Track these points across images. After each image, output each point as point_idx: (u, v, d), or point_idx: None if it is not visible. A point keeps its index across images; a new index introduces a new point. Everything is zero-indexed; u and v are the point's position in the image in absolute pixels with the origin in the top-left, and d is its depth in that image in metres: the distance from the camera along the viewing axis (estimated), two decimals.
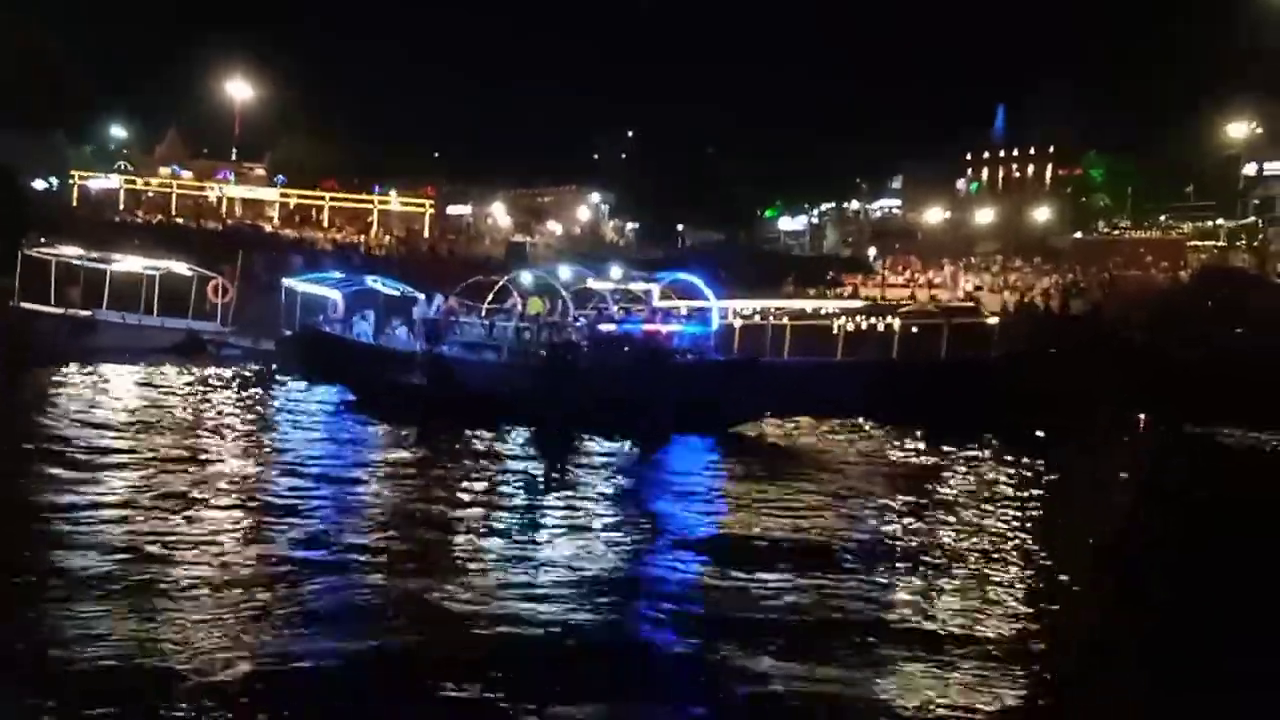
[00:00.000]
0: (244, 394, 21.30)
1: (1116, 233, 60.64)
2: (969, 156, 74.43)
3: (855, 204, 76.52)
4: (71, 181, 60.18)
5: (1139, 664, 8.23)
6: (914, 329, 23.38)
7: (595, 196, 75.81)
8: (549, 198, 76.04)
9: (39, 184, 60.47)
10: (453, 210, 69.72)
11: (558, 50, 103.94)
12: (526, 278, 24.97)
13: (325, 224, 62.51)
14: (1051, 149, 69.55)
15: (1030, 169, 71.06)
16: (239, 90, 66.35)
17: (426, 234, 63.33)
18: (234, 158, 66.00)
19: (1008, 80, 72.84)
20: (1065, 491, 15.29)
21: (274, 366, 23.01)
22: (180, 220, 56.04)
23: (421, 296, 26.51)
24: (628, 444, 17.13)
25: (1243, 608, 9.34)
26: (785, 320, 24.29)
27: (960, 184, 75.14)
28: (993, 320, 22.70)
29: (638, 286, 26.12)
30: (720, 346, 22.19)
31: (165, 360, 23.67)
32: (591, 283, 25.58)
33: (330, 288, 25.86)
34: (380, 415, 18.40)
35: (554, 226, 72.15)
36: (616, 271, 25.55)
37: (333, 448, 15.67)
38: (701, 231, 75.61)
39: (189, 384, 21.56)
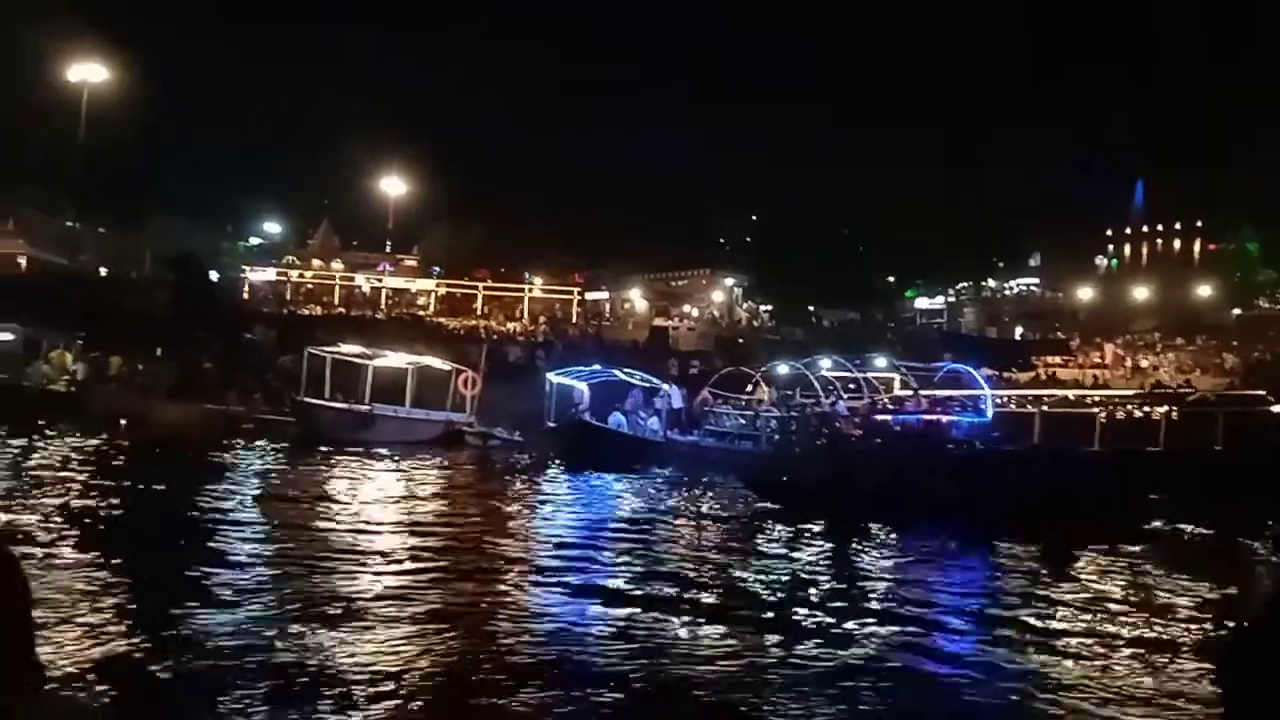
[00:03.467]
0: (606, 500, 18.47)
1: None
2: (1109, 233, 73.52)
3: (992, 282, 75.99)
4: (242, 274, 63.25)
5: None
6: (1174, 416, 22.96)
7: (729, 280, 76.73)
8: (683, 282, 77.22)
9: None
10: (591, 296, 71.30)
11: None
12: (782, 368, 25.39)
13: (479, 312, 64.45)
14: (1199, 223, 68.37)
15: (1177, 244, 69.83)
16: (392, 187, 69.79)
17: (574, 320, 64.82)
18: (388, 249, 68.75)
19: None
20: None
21: (551, 457, 23.55)
22: (345, 311, 58.42)
23: (665, 387, 27.15)
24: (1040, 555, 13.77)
25: None
26: (1043, 408, 24.06)
27: (1099, 260, 74.14)
28: (1278, 409, 22.16)
29: (881, 375, 26.32)
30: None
31: (453, 453, 24.39)
32: (827, 371, 25.86)
33: (578, 379, 26.62)
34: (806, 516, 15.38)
35: (689, 309, 73.05)
36: (881, 361, 25.79)
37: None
38: (836, 310, 75.66)
39: (531, 481, 20.39)
